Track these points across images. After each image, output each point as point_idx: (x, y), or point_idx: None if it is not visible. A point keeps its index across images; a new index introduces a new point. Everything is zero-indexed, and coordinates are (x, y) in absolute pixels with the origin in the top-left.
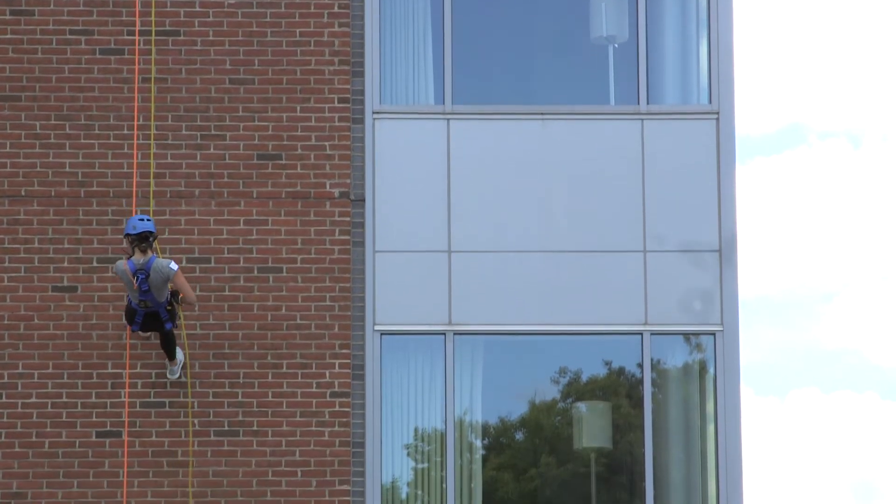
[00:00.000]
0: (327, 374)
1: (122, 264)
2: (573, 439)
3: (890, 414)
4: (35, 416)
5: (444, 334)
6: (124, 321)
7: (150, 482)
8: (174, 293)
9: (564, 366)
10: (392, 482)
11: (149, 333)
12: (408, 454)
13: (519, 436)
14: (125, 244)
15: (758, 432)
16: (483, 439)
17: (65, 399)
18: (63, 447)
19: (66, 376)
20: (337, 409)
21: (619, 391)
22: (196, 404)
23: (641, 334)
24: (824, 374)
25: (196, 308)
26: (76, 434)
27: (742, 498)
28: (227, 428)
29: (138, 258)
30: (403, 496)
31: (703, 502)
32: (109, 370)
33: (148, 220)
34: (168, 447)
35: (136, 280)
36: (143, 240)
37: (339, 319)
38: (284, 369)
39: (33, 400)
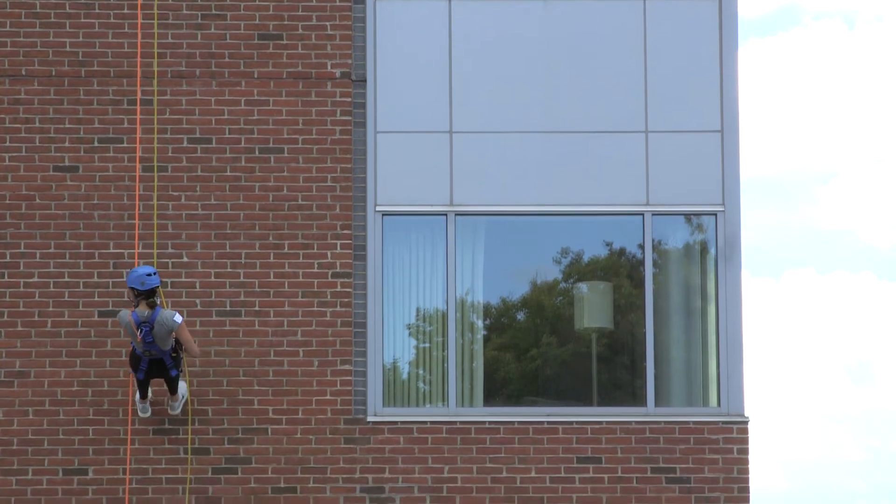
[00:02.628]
0: (329, 255)
1: (127, 315)
2: (574, 319)
3: (885, 294)
4: (37, 295)
5: (446, 215)
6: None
7: None
8: (179, 340)
9: (566, 246)
10: (393, 362)
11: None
12: (409, 334)
13: (520, 316)
14: (128, 295)
15: (753, 313)
16: (484, 319)
17: (66, 279)
18: (65, 326)
19: (67, 256)
20: (338, 289)
21: (621, 271)
22: (198, 284)
23: (643, 215)
24: (820, 254)
25: (198, 362)
26: (78, 314)
27: (742, 377)
28: (228, 308)
29: (143, 310)
30: (405, 376)
31: (704, 382)
32: (111, 250)
33: (154, 274)
34: None
35: (141, 332)
36: (150, 295)
37: (341, 200)
38: (286, 250)
39: (35, 279)
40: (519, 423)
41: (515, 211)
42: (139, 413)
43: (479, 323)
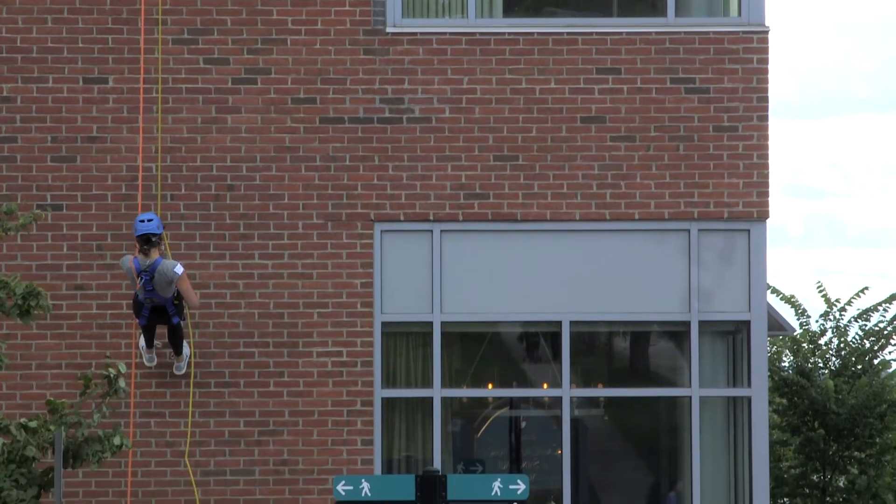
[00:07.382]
0: None
1: (128, 262)
2: None
3: None
4: None
5: None
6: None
7: None
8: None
9: None
10: None
11: None
12: None
13: None
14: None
15: None
16: None
17: None
18: None
19: None
20: None
21: None
22: None
23: None
24: None
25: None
26: None
27: None
28: None
29: (143, 259)
30: None
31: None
32: None
33: (150, 220)
34: None
35: (140, 280)
36: (144, 242)
37: None
38: None
39: None
40: (538, 33)
41: None
42: (146, 363)
43: None
